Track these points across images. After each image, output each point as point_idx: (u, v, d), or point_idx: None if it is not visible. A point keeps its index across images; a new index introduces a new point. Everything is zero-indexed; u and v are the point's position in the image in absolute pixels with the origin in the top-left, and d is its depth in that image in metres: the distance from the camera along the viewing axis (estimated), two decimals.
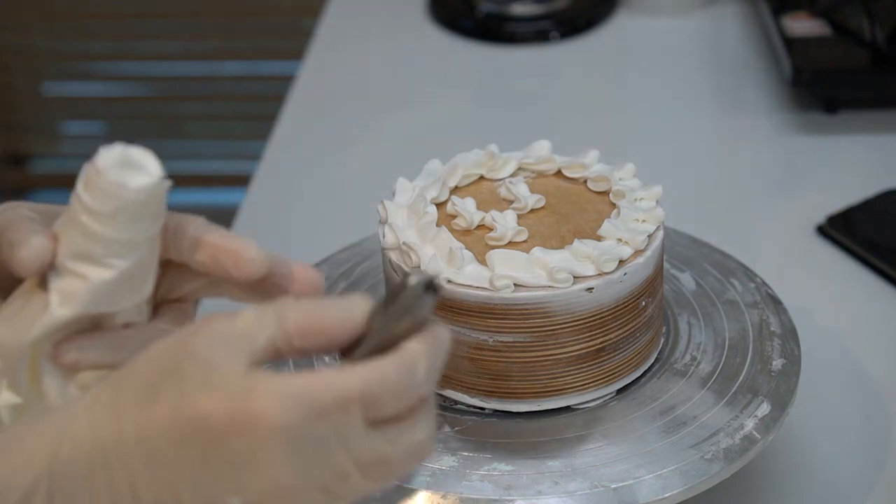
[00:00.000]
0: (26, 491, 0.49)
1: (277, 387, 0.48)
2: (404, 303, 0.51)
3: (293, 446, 0.48)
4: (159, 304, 0.59)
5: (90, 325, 0.56)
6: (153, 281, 0.56)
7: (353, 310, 0.51)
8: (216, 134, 2.56)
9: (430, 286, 0.51)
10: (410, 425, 0.50)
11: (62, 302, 0.54)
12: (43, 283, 0.55)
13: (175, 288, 0.59)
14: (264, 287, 0.57)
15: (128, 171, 0.53)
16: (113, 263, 0.54)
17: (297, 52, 1.46)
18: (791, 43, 1.21)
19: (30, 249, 0.54)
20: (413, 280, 0.50)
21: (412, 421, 0.50)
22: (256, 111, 2.34)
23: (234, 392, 0.48)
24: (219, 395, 0.48)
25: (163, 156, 0.55)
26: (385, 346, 0.51)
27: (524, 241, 0.75)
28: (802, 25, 1.24)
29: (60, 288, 0.54)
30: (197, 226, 0.57)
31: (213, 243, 0.56)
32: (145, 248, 0.55)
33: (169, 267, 0.58)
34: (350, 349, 0.51)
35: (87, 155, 0.55)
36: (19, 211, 0.57)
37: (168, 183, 0.54)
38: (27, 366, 0.56)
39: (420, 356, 0.50)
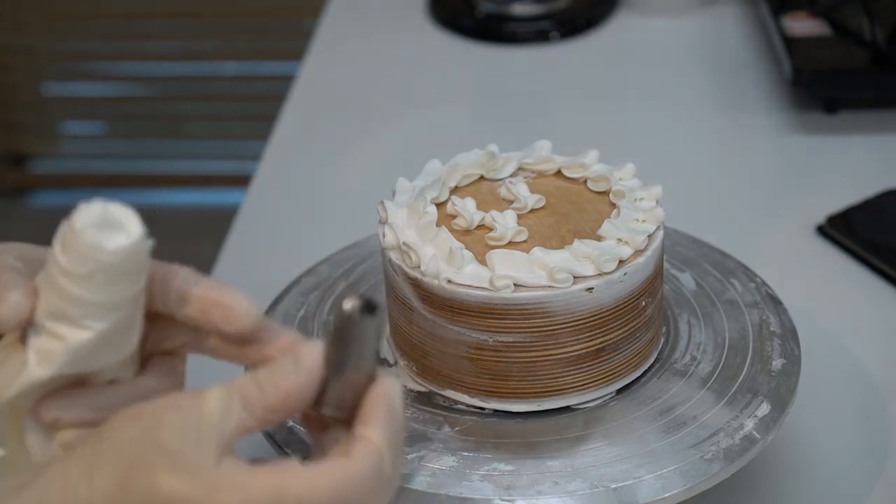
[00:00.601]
0: None
1: (246, 489, 0.49)
2: (349, 334, 0.50)
3: None
4: (148, 357, 0.58)
5: (73, 381, 0.55)
6: (137, 337, 0.55)
7: (309, 368, 0.52)
8: (216, 134, 2.56)
9: (366, 308, 0.50)
10: None
11: (39, 362, 0.53)
12: (24, 338, 0.54)
13: (164, 340, 0.58)
14: (249, 345, 0.56)
15: (106, 231, 0.51)
16: (90, 325, 0.52)
17: (297, 52, 1.46)
18: (791, 43, 1.21)
19: (7, 306, 0.53)
20: (348, 305, 0.50)
21: None
22: (256, 111, 2.34)
23: (203, 490, 0.49)
24: (190, 493, 0.49)
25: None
26: (347, 394, 0.52)
27: (524, 241, 0.75)
28: (802, 25, 1.24)
29: (38, 347, 0.53)
30: (184, 278, 0.56)
31: (202, 297, 0.55)
32: (126, 307, 0.53)
33: (156, 319, 0.57)
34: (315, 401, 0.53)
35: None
36: (4, 259, 0.56)
37: (149, 243, 0.52)
38: (9, 421, 0.55)
39: (383, 446, 0.52)
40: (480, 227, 0.77)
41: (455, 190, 0.80)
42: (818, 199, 1.07)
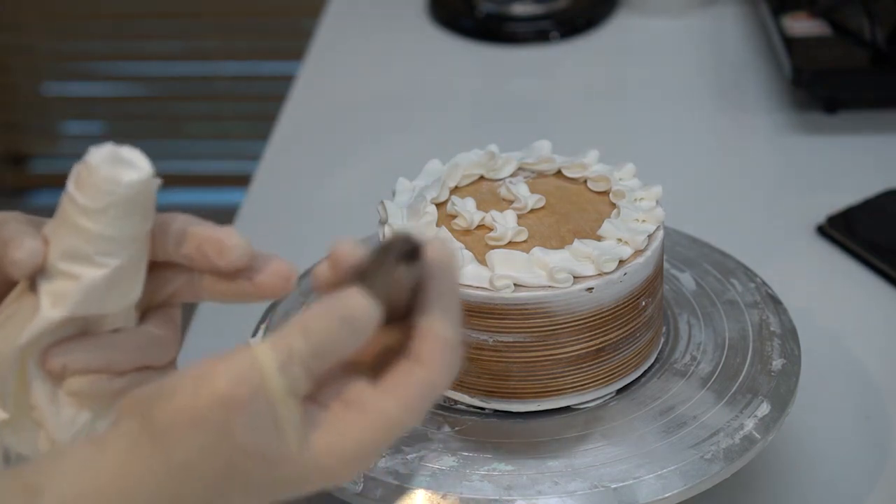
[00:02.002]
0: None
1: (344, 451, 0.48)
2: (396, 278, 0.49)
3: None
4: (144, 310, 0.58)
5: (78, 332, 0.56)
6: (142, 284, 0.56)
7: (358, 326, 0.49)
8: (216, 134, 2.56)
9: (413, 253, 0.49)
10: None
11: (53, 303, 0.54)
12: (33, 288, 0.55)
13: (157, 291, 0.58)
14: (241, 278, 0.56)
15: (119, 166, 0.53)
16: (105, 262, 0.54)
17: (297, 52, 1.46)
18: (791, 43, 1.21)
19: (23, 250, 0.54)
20: (395, 252, 0.48)
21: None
22: (256, 111, 2.34)
23: (304, 470, 0.48)
24: (288, 476, 0.48)
25: (162, 156, 0.56)
26: (396, 303, 0.49)
27: (524, 241, 0.75)
28: (802, 25, 1.24)
29: (51, 290, 0.54)
30: (181, 220, 0.57)
31: (197, 233, 0.56)
32: (136, 246, 0.55)
33: (151, 268, 0.57)
34: None
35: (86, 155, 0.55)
36: (9, 216, 0.57)
37: (158, 180, 0.54)
38: (16, 375, 0.56)
39: (451, 335, 0.50)
40: (480, 227, 0.77)
41: (455, 190, 0.80)
42: (818, 199, 1.07)
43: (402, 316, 0.50)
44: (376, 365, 0.50)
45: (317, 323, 0.48)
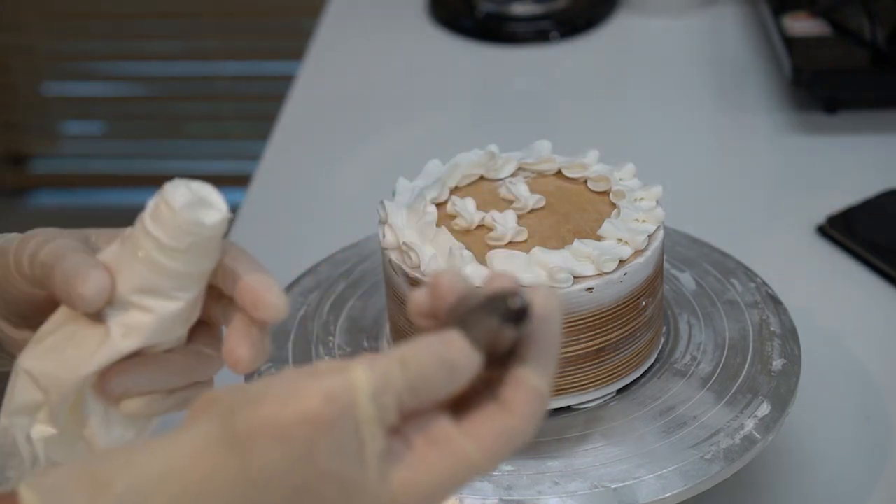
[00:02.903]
0: None
1: (422, 489, 0.47)
2: (501, 336, 0.48)
3: None
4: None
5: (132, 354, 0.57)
6: (200, 309, 0.57)
7: (457, 372, 0.48)
8: (216, 134, 2.56)
9: (521, 315, 0.48)
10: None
11: (125, 335, 0.55)
12: (88, 316, 0.55)
13: (204, 311, 0.59)
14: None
15: (201, 208, 0.54)
16: (180, 296, 0.55)
17: (297, 52, 1.46)
18: (791, 43, 1.21)
19: (90, 286, 0.54)
20: (501, 313, 0.47)
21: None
22: (256, 111, 2.34)
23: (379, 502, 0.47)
24: None
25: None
26: (494, 353, 0.48)
27: (524, 241, 0.75)
28: (802, 25, 1.24)
29: (123, 322, 0.55)
30: (233, 254, 0.57)
31: (241, 277, 0.56)
32: (206, 278, 0.56)
33: None
34: None
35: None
36: (62, 242, 0.57)
37: (230, 215, 0.55)
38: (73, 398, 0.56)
39: (544, 387, 0.49)
40: (480, 227, 0.77)
41: (455, 190, 0.80)
42: (818, 199, 1.07)
43: (496, 360, 0.49)
44: (460, 401, 0.49)
45: (417, 359, 0.47)
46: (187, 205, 0.53)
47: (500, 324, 0.47)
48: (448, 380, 0.47)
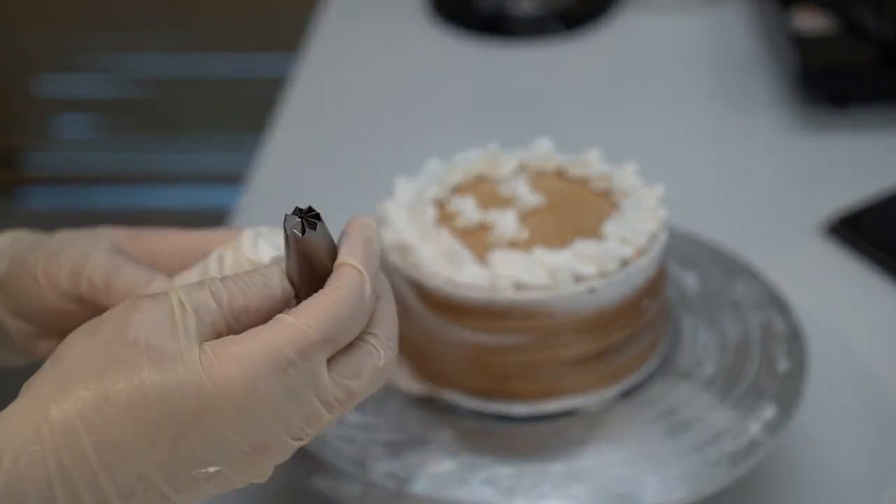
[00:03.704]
0: None
1: (240, 353, 0.48)
2: (303, 248, 0.52)
3: (267, 406, 0.48)
4: None
5: None
6: None
7: (272, 281, 0.52)
8: (214, 132, 2.56)
9: (309, 223, 0.53)
10: (368, 351, 0.52)
11: None
12: None
13: None
14: None
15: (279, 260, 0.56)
16: None
17: (295, 50, 1.45)
18: (798, 39, 1.21)
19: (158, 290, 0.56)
20: (291, 226, 0.53)
21: (369, 347, 0.52)
22: (255, 109, 2.33)
23: (198, 371, 0.48)
24: (182, 378, 0.47)
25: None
26: (316, 274, 0.52)
27: (525, 241, 0.75)
28: (810, 21, 1.24)
29: None
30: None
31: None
32: None
33: None
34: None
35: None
36: (105, 257, 0.59)
37: None
38: None
39: (359, 276, 0.52)
40: (481, 227, 0.76)
41: (455, 189, 0.80)
42: (825, 199, 1.07)
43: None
44: None
45: (234, 274, 0.52)
46: (274, 260, 0.56)
47: (290, 235, 0.52)
48: (262, 283, 0.51)
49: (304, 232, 0.52)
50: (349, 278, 0.51)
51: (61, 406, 0.47)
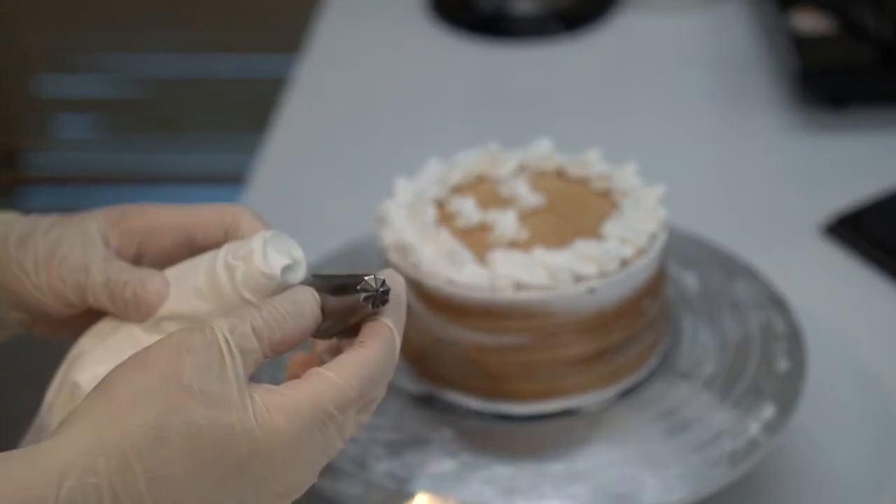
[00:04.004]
0: None
1: (288, 406, 0.51)
2: (354, 306, 0.54)
3: (306, 454, 0.51)
4: None
5: None
6: None
7: (304, 310, 0.54)
8: (214, 133, 2.56)
9: (382, 299, 0.53)
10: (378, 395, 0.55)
11: None
12: (133, 329, 0.59)
13: None
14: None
15: (291, 269, 0.57)
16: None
17: (296, 51, 1.45)
18: (798, 39, 1.21)
19: (153, 289, 0.59)
20: (363, 296, 0.53)
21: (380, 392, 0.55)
22: (255, 110, 2.33)
23: (250, 419, 0.50)
24: (234, 425, 0.50)
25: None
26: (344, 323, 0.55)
27: (525, 241, 0.75)
28: (809, 21, 1.23)
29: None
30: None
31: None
32: None
33: None
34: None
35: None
36: (99, 265, 0.60)
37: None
38: None
39: (391, 334, 0.54)
40: (481, 227, 0.76)
41: (455, 189, 0.80)
42: (824, 199, 1.07)
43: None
44: None
45: (269, 302, 0.54)
46: (284, 269, 0.56)
47: (360, 302, 0.53)
48: (297, 315, 0.53)
49: (373, 306, 0.54)
50: (384, 337, 0.54)
51: (117, 439, 0.48)
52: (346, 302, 0.54)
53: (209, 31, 2.44)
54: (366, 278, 0.53)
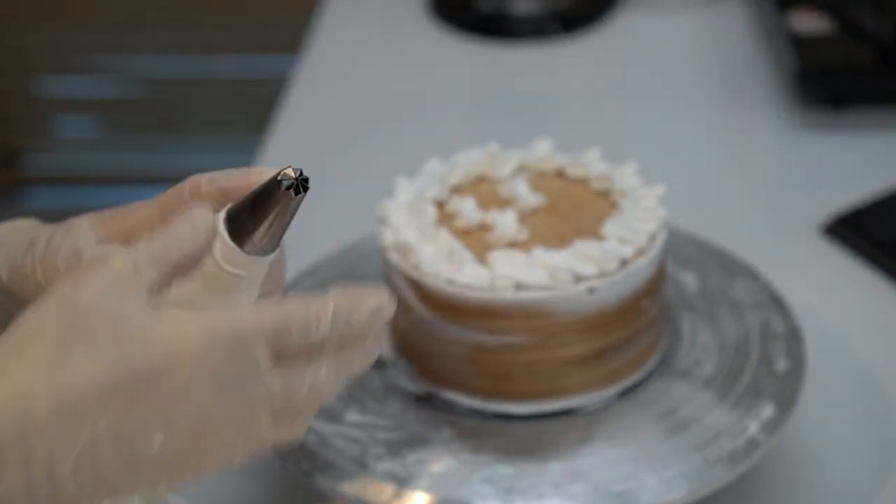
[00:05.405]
0: None
1: (197, 322, 0.50)
2: (277, 202, 0.55)
3: (217, 378, 0.50)
4: None
5: None
6: None
7: (198, 225, 0.54)
8: (214, 133, 2.55)
9: (303, 186, 0.55)
10: (314, 371, 0.53)
11: None
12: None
13: None
14: None
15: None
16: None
17: (296, 51, 1.45)
18: (797, 40, 1.21)
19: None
20: (285, 184, 0.55)
21: (315, 367, 0.53)
22: (255, 110, 2.33)
23: (154, 336, 0.49)
24: (140, 344, 0.49)
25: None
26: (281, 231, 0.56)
27: (525, 241, 0.75)
28: (808, 22, 1.23)
29: None
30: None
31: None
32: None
33: None
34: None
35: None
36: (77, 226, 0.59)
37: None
38: None
39: (325, 311, 0.55)
40: (481, 227, 0.76)
41: (455, 190, 0.80)
42: (824, 199, 1.07)
43: None
44: None
45: (161, 226, 0.54)
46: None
47: (284, 191, 0.55)
48: (189, 231, 0.53)
49: (296, 193, 0.55)
50: (317, 308, 0.55)
51: (19, 368, 0.48)
52: (270, 199, 0.54)
53: (209, 31, 2.44)
54: (283, 171, 0.54)
